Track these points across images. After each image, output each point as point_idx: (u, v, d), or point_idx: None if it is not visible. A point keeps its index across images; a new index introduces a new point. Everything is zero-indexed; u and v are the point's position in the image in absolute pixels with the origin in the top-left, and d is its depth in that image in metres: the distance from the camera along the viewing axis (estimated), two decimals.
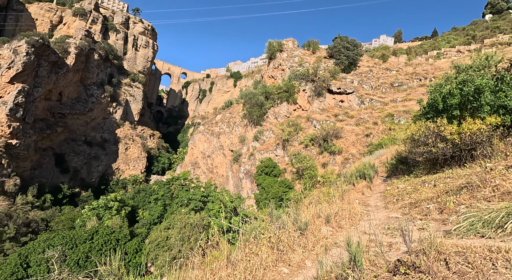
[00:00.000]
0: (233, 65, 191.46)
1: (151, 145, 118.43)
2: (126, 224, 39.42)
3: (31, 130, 66.87)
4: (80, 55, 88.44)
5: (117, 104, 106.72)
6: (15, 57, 63.86)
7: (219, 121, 78.65)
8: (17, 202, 51.43)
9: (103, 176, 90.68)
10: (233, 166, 56.49)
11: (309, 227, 6.07)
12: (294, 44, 68.81)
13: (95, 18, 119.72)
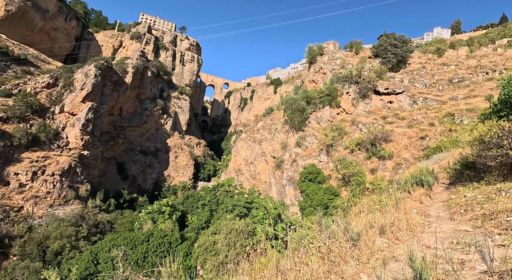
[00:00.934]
0: (272, 72, 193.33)
1: (198, 153, 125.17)
2: (177, 228, 41.93)
3: (98, 142, 76.45)
4: (136, 73, 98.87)
5: (167, 116, 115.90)
6: (86, 79, 74.29)
7: (260, 128, 79.64)
8: (88, 206, 58.83)
9: (156, 183, 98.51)
10: (275, 173, 56.35)
11: (362, 238, 5.67)
12: (335, 46, 66.76)
13: (148, 39, 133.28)
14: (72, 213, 51.86)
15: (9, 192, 52.13)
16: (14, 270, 35.10)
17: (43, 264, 36.78)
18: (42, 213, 52.54)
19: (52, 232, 43.21)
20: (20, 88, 71.14)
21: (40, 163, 58.87)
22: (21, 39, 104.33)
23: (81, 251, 40.50)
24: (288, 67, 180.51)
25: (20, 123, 61.47)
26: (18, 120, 61.64)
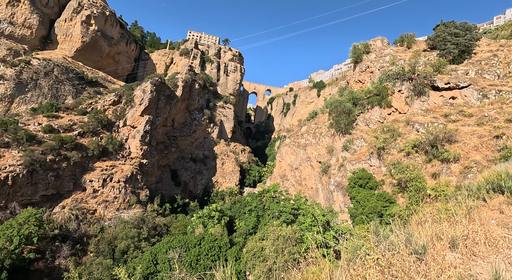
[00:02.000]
0: (315, 75, 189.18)
1: (243, 159, 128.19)
2: (226, 233, 43.22)
3: (155, 152, 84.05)
4: (185, 87, 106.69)
5: (213, 125, 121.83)
6: (143, 95, 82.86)
7: (304, 133, 78.11)
8: (148, 210, 64.67)
9: (205, 188, 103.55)
10: (322, 178, 54.37)
11: (428, 251, 5.05)
12: (383, 42, 62.48)
13: (195, 54, 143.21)
14: (134, 216, 57.53)
15: (85, 197, 60.36)
16: (91, 265, 40.36)
17: (113, 261, 41.47)
18: (111, 215, 59.47)
19: (119, 233, 48.54)
20: (93, 107, 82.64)
21: (109, 171, 67.03)
22: (93, 64, 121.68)
23: (143, 251, 44.51)
24: (331, 69, 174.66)
25: (93, 136, 71.17)
26: (91, 134, 71.47)
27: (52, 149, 58.69)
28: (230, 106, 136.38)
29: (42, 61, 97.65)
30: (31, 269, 41.18)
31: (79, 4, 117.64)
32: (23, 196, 52.05)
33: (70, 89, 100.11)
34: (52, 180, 56.79)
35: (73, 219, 53.20)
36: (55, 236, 46.70)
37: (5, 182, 49.14)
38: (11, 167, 51.27)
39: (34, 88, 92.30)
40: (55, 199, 57.34)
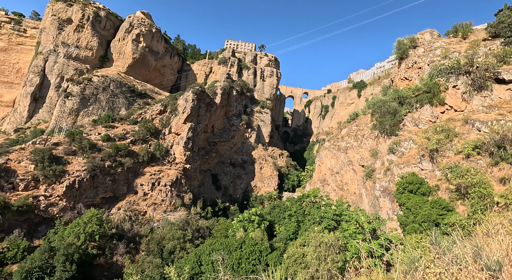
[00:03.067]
0: (355, 75, 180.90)
1: (281, 163, 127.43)
2: (266, 237, 43.16)
3: (197, 157, 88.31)
4: (224, 94, 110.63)
5: (251, 130, 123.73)
6: (186, 104, 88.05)
7: (345, 135, 74.85)
8: (191, 212, 67.92)
9: (245, 193, 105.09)
10: (366, 183, 51.27)
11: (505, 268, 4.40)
12: (432, 35, 57.29)
13: (233, 62, 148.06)
14: (180, 219, 60.84)
15: (137, 199, 65.82)
16: (143, 263, 43.70)
17: (162, 260, 44.32)
18: (159, 217, 63.81)
19: (166, 234, 51.77)
20: (142, 116, 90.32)
21: (157, 175, 72.23)
22: (142, 77, 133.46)
23: (188, 252, 46.72)
24: (373, 67, 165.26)
25: (143, 144, 77.60)
26: (141, 142, 78.01)
27: (109, 156, 65.44)
28: (267, 111, 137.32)
29: (100, 78, 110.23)
30: (94, 264, 46.04)
31: (130, 25, 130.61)
32: (87, 198, 58.78)
33: (123, 101, 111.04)
34: (110, 184, 63.18)
35: (127, 220, 58.30)
36: (113, 235, 51.63)
37: (73, 185, 56.10)
38: (77, 172, 58.42)
39: (94, 102, 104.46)
40: (112, 201, 63.61)
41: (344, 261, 27.18)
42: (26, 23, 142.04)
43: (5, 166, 53.38)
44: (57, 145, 64.27)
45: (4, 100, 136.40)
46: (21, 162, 56.36)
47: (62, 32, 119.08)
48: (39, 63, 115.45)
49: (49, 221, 52.41)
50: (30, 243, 46.41)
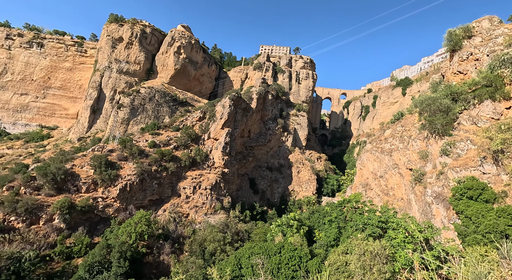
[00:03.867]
0: (398, 72, 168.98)
1: (319, 167, 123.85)
2: (305, 243, 42.13)
3: (234, 161, 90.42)
4: (259, 98, 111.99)
5: (287, 133, 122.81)
6: (223, 110, 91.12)
7: (388, 137, 70.05)
8: (230, 216, 69.49)
9: (282, 197, 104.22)
10: (415, 188, 47.16)
11: None
12: (492, 21, 51.04)
13: (267, 67, 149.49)
14: (219, 221, 62.63)
15: (180, 202, 69.56)
16: (187, 263, 45.90)
17: (203, 261, 46.00)
18: (200, 219, 66.52)
19: (207, 236, 53.66)
20: (184, 123, 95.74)
21: (197, 179, 75.62)
22: (182, 87, 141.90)
23: (228, 254, 47.77)
24: (419, 63, 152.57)
25: (184, 149, 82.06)
26: (183, 147, 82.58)
27: (155, 161, 70.48)
28: (303, 114, 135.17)
29: (147, 89, 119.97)
30: (144, 262, 49.65)
31: (171, 38, 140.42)
32: (136, 200, 63.94)
33: (167, 110, 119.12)
34: (156, 187, 67.89)
35: (171, 221, 61.88)
36: (159, 235, 55.21)
37: (125, 188, 61.54)
38: (129, 176, 63.99)
39: (142, 111, 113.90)
40: (158, 203, 68.20)
41: (392, 272, 25.25)
42: (87, 45, 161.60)
43: (71, 171, 60.86)
44: (111, 151, 71.30)
45: (70, 113, 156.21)
46: (83, 167, 63.71)
47: (114, 50, 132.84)
48: (96, 79, 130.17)
49: (106, 220, 58.13)
50: (91, 240, 51.91)
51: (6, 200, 49.39)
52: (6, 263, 39.70)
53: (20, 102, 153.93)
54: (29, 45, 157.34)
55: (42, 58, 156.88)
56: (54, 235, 50.23)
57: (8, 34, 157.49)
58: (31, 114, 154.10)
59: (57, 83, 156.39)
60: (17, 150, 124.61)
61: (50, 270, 44.24)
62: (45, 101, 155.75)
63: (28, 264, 41.24)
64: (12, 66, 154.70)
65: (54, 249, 47.47)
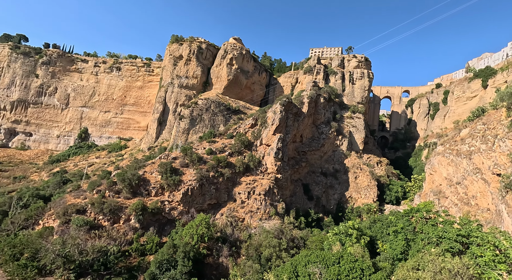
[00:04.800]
0: (476, 62, 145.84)
1: (380, 172, 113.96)
2: (367, 254, 39.02)
3: (287, 167, 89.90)
4: (311, 102, 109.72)
5: (342, 137, 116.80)
6: (274, 116, 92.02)
7: (466, 137, 60.62)
8: (285, 222, 68.92)
9: (339, 204, 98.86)
10: (506, 197, 39.50)
11: None
12: None
13: (318, 69, 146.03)
14: (274, 227, 62.67)
15: (236, 207, 72.15)
16: (244, 267, 47.15)
17: (260, 266, 46.56)
18: (255, 224, 67.70)
19: (263, 241, 54.23)
20: (237, 131, 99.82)
21: (251, 185, 77.46)
22: (235, 96, 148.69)
23: (284, 261, 47.32)
24: (505, 48, 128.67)
25: (238, 155, 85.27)
26: (237, 154, 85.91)
27: (212, 167, 74.92)
28: (359, 116, 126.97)
29: (204, 101, 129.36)
30: (205, 262, 52.78)
31: (224, 51, 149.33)
32: (197, 204, 68.75)
33: (221, 119, 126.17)
34: (214, 192, 71.95)
35: (228, 225, 64.51)
36: (218, 238, 58.08)
37: (187, 192, 66.86)
38: (190, 181, 69.43)
39: (200, 121, 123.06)
40: (216, 207, 72.03)
41: None
42: (153, 65, 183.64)
43: (143, 177, 69.11)
44: (175, 159, 78.55)
45: (141, 125, 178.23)
46: (152, 173, 71.68)
47: (176, 67, 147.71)
48: (161, 94, 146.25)
49: (171, 222, 63.94)
50: (160, 240, 57.64)
51: (95, 201, 58.73)
52: (96, 255, 46.93)
53: (104, 118, 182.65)
54: (110, 70, 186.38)
55: (120, 80, 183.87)
56: (131, 234, 57.41)
57: (96, 62, 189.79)
58: (112, 128, 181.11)
59: (131, 100, 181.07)
60: (103, 159, 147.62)
61: (128, 264, 50.58)
62: (122, 116, 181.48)
63: (112, 257, 47.96)
64: (98, 88, 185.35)
65: (131, 246, 54.20)
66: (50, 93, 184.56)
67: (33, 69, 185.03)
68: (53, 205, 62.93)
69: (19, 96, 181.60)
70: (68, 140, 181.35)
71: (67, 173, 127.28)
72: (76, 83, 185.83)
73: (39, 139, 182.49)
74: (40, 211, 61.59)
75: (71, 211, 57.35)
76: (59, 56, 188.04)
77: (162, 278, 43.54)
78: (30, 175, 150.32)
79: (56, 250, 44.00)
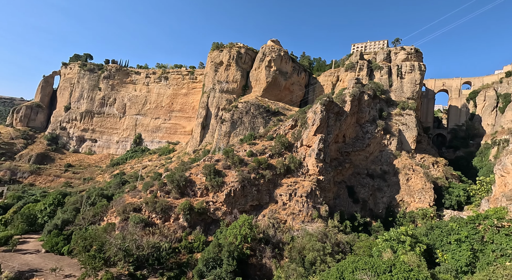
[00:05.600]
0: None
1: (436, 174, 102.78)
2: (424, 264, 35.48)
3: (329, 168, 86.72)
4: (353, 100, 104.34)
5: (390, 136, 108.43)
6: (315, 116, 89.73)
7: None
8: (329, 225, 66.42)
9: (388, 208, 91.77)
10: None
11: None
12: None
13: (361, 65, 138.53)
14: (317, 230, 60.87)
15: (278, 208, 72.00)
16: (288, 270, 46.76)
17: (304, 270, 45.61)
18: (297, 227, 66.61)
19: (306, 244, 53.05)
20: (277, 132, 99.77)
21: (293, 187, 76.52)
22: (274, 97, 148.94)
23: (329, 266, 45.58)
24: None
25: (278, 157, 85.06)
26: (277, 155, 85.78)
27: (253, 169, 76.05)
28: (410, 112, 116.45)
29: (244, 104, 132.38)
30: (249, 263, 53.69)
31: (262, 54, 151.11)
32: (239, 205, 70.39)
33: (261, 121, 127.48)
34: (255, 194, 72.90)
35: (271, 227, 64.64)
36: (261, 239, 58.60)
37: (230, 194, 68.97)
38: (232, 183, 71.52)
39: (240, 124, 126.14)
40: (258, 208, 72.84)
41: None
42: (196, 72, 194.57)
43: (189, 178, 73.37)
44: (218, 161, 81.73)
45: (187, 130, 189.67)
46: (197, 175, 75.65)
47: (217, 73, 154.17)
48: (204, 100, 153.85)
49: (216, 222, 66.55)
50: (206, 238, 60.43)
51: (149, 201, 64.19)
52: (151, 251, 51.19)
53: (154, 124, 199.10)
54: (159, 80, 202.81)
55: (167, 88, 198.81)
56: (180, 232, 61.30)
57: (147, 73, 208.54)
58: (162, 133, 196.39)
59: (178, 107, 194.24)
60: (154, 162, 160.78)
61: (178, 260, 54.06)
62: (170, 122, 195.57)
63: (164, 253, 51.79)
64: (149, 97, 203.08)
65: (180, 243, 57.85)
66: (110, 103, 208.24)
67: (96, 83, 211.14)
68: (114, 203, 70.63)
69: (86, 107, 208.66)
70: (125, 145, 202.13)
71: (125, 175, 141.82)
72: (131, 93, 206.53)
73: (102, 145, 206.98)
74: (104, 209, 69.66)
75: (129, 209, 63.61)
76: (117, 70, 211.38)
77: (209, 275, 45.51)
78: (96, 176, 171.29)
79: (118, 244, 49.19)
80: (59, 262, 52.62)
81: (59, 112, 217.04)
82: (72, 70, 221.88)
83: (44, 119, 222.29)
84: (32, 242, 67.07)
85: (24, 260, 53.88)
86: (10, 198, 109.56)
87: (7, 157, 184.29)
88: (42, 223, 75.86)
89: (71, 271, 50.38)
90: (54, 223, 67.74)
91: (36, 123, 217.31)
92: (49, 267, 49.33)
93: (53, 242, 60.53)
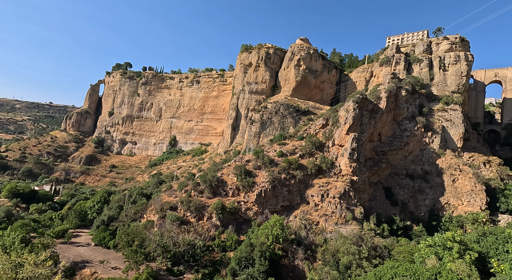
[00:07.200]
0: None
1: (489, 174, 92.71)
2: (475, 274, 32.16)
3: (364, 168, 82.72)
4: (389, 97, 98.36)
5: (432, 133, 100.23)
6: (347, 114, 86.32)
7: None
8: (364, 228, 63.35)
9: (432, 211, 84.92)
10: None
11: None
12: None
13: (397, 59, 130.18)
14: (352, 233, 58.45)
15: (309, 209, 70.56)
16: (321, 272, 45.67)
17: (339, 274, 44.13)
18: (331, 229, 64.63)
19: (340, 247, 51.26)
20: (307, 132, 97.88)
21: (325, 187, 74.41)
22: (304, 96, 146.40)
23: (365, 271, 43.50)
24: None
25: (309, 157, 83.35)
26: (308, 155, 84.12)
27: (284, 169, 75.49)
28: (455, 107, 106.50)
29: (273, 104, 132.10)
30: (281, 264, 53.43)
31: (291, 53, 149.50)
32: (270, 205, 70.37)
33: (291, 121, 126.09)
34: (286, 194, 72.28)
35: (302, 228, 63.59)
36: (292, 240, 57.97)
37: (261, 194, 69.29)
38: (262, 183, 71.79)
39: (270, 124, 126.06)
40: (289, 209, 72.13)
41: None
42: (226, 75, 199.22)
43: (221, 178, 75.24)
44: (248, 161, 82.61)
45: (218, 131, 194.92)
46: (229, 175, 77.24)
47: (246, 74, 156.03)
48: (234, 101, 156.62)
49: (247, 221, 67.32)
50: (238, 238, 61.43)
51: (184, 200, 67.12)
52: (186, 248, 53.50)
53: (188, 126, 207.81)
54: (191, 84, 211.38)
55: (199, 92, 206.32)
56: (213, 230, 63.14)
57: (180, 78, 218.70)
58: (194, 135, 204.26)
59: (209, 109, 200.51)
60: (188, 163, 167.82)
61: (212, 258, 55.71)
62: (202, 124, 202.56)
63: (199, 251, 53.77)
64: (182, 101, 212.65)
65: (214, 241, 59.58)
66: (148, 108, 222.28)
67: (135, 89, 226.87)
68: (153, 202, 75.12)
69: (127, 112, 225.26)
70: (162, 146, 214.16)
71: (161, 175, 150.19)
72: (166, 97, 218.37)
73: (141, 147, 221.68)
74: (144, 207, 74.43)
75: (166, 207, 67.15)
76: (153, 76, 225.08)
77: (242, 274, 46.18)
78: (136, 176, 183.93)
79: (156, 241, 52.23)
80: (106, 255, 57.57)
81: (104, 117, 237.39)
82: (115, 78, 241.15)
83: (91, 124, 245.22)
84: (83, 236, 74.17)
85: (77, 252, 59.82)
86: (65, 196, 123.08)
87: (62, 159, 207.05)
88: (92, 218, 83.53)
89: (117, 263, 54.69)
90: (101, 219, 74.14)
91: (85, 128, 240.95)
92: (98, 259, 54.23)
93: (101, 236, 66.31)
